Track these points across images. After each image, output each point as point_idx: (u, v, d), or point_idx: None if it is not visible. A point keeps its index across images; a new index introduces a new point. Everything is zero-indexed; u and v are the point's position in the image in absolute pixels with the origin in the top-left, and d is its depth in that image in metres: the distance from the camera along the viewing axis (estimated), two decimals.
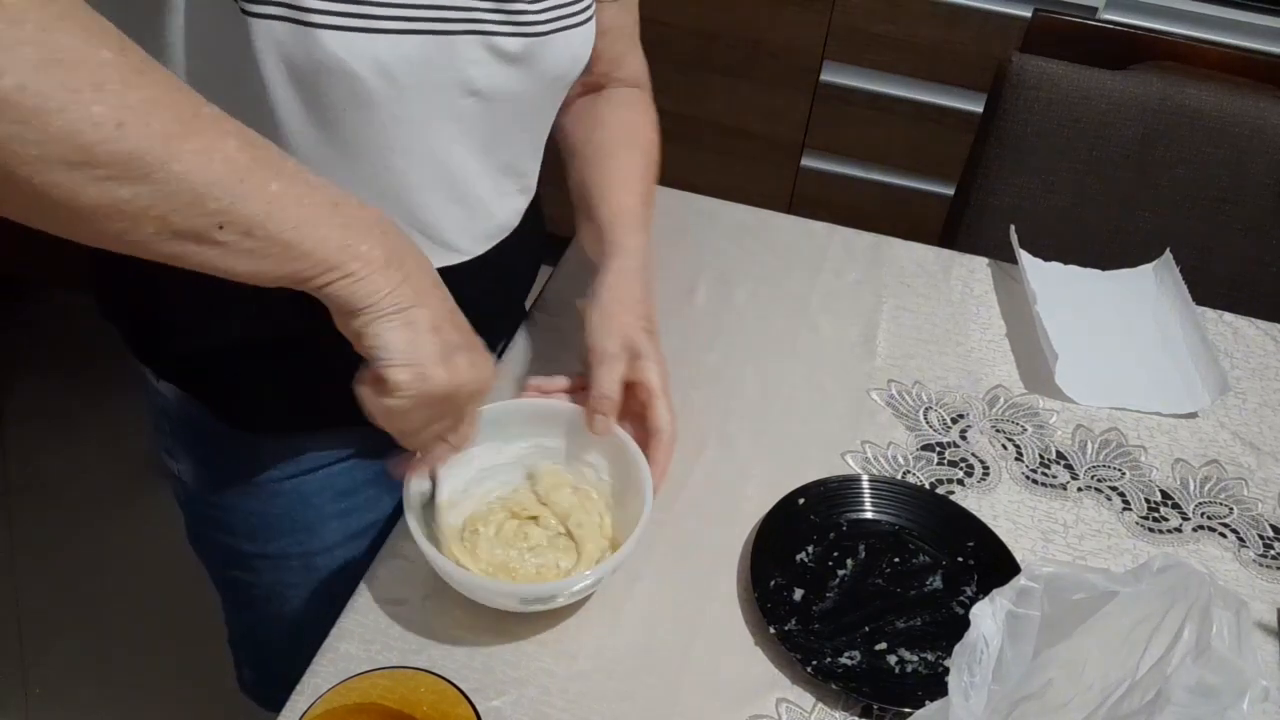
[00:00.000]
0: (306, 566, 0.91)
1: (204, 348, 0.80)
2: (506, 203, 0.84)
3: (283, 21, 0.61)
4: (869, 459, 0.90)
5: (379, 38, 0.64)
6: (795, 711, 0.71)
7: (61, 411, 2.06)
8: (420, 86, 0.68)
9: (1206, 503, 0.91)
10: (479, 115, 0.74)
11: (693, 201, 1.18)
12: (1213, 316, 1.11)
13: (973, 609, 0.59)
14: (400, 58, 0.66)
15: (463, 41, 0.69)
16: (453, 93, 0.71)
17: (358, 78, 0.65)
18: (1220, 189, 1.31)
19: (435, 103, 0.70)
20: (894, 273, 1.12)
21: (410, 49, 0.66)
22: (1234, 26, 1.74)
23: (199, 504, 0.92)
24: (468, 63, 0.70)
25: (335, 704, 0.60)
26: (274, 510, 0.88)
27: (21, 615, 1.74)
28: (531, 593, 0.71)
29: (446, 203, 0.77)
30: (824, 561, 0.81)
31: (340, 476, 0.88)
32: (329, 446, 0.87)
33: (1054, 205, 1.34)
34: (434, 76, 0.69)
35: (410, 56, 0.66)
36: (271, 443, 0.85)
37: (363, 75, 0.65)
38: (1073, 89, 1.28)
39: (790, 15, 1.91)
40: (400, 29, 0.65)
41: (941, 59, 1.89)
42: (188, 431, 0.88)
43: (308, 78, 0.64)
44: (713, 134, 2.10)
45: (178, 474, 0.92)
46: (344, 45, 0.63)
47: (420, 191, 0.75)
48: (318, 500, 0.88)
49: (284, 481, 0.86)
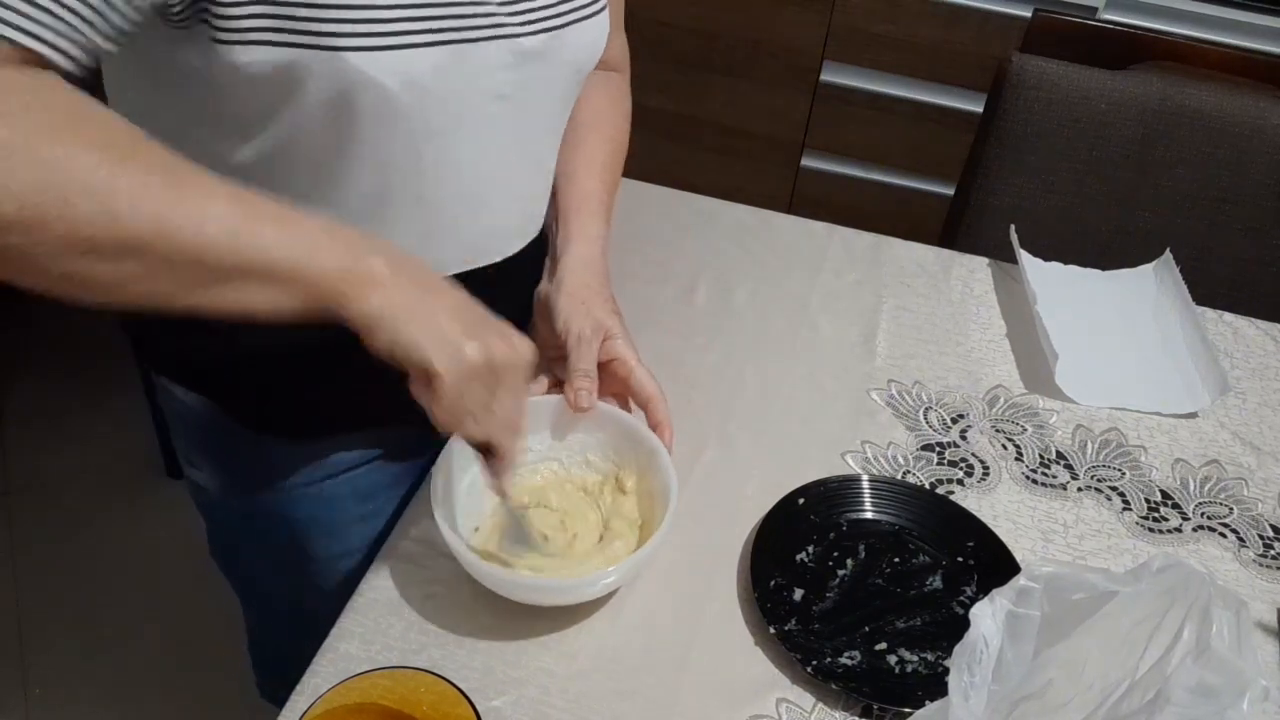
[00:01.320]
0: (330, 570, 0.90)
1: (228, 356, 0.80)
2: (538, 198, 0.84)
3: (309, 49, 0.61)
4: (869, 459, 0.90)
5: (404, 53, 0.64)
6: (795, 711, 0.71)
7: (61, 411, 2.06)
8: (449, 97, 0.68)
9: (1206, 503, 0.91)
10: (508, 118, 0.74)
11: (693, 201, 1.18)
12: (1213, 316, 1.11)
13: (973, 609, 0.59)
14: (428, 69, 0.66)
15: (486, 48, 0.69)
16: (481, 99, 0.71)
17: (388, 92, 0.65)
18: (1220, 189, 1.31)
19: (465, 111, 0.70)
20: (894, 273, 1.12)
21: (438, 59, 0.66)
22: (1234, 26, 1.74)
23: (222, 511, 0.92)
24: (494, 68, 0.70)
25: (335, 704, 0.60)
26: (298, 514, 0.88)
27: (21, 615, 1.74)
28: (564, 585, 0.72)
29: (480, 209, 0.77)
30: (824, 561, 0.81)
31: (362, 479, 0.88)
32: (352, 448, 0.87)
33: (1054, 205, 1.34)
34: (462, 85, 0.69)
35: (438, 67, 0.66)
36: (295, 447, 0.85)
37: (393, 90, 0.65)
38: (1073, 89, 1.28)
39: (790, 15, 1.91)
40: (425, 41, 0.65)
41: (941, 59, 1.89)
42: (211, 439, 0.87)
43: (337, 99, 0.64)
44: (713, 134, 2.10)
45: (200, 482, 0.91)
46: (370, 63, 0.63)
47: (455, 202, 0.75)
48: (341, 504, 0.88)
49: (308, 486, 0.86)
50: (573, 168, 0.88)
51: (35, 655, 1.69)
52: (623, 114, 0.95)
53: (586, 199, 0.87)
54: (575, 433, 0.81)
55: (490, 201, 0.78)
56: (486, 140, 0.74)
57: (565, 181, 0.87)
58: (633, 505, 0.79)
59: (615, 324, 0.82)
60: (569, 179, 0.87)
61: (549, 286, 0.83)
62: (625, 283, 0.87)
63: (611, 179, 0.91)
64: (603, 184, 0.89)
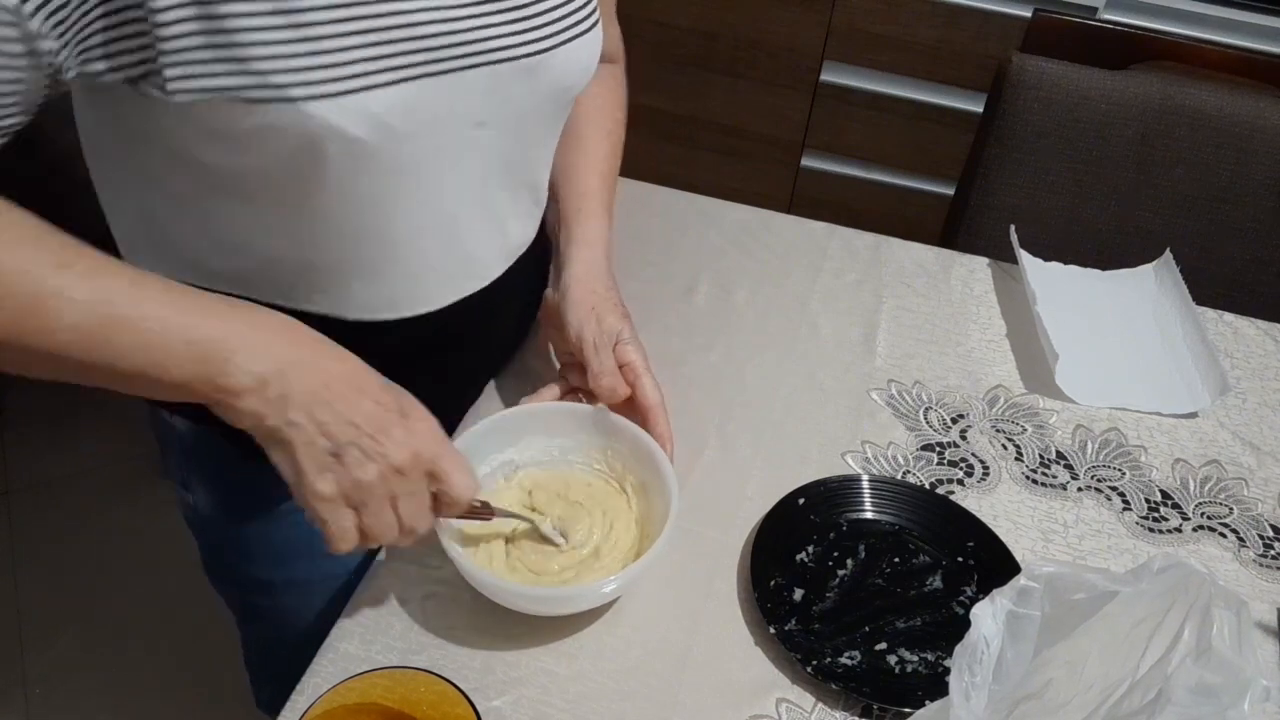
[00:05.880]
0: (327, 588, 0.89)
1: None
2: (524, 219, 0.83)
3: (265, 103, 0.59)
4: (869, 459, 0.90)
5: (365, 95, 0.61)
6: (795, 711, 0.71)
7: (61, 411, 2.06)
8: (419, 131, 0.66)
9: (1206, 503, 0.91)
10: (489, 144, 0.72)
11: (693, 201, 1.18)
12: (1213, 316, 1.11)
13: (973, 609, 0.58)
14: (394, 107, 0.63)
15: (460, 78, 0.66)
16: (457, 127, 0.68)
17: (352, 136, 0.62)
18: (1220, 189, 1.31)
19: (440, 142, 0.68)
20: (894, 273, 1.12)
21: (403, 96, 0.63)
22: (1234, 26, 1.74)
23: (216, 533, 0.91)
24: (469, 96, 0.67)
25: (335, 704, 0.60)
26: (294, 535, 0.86)
27: (21, 615, 1.74)
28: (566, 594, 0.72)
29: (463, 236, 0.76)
30: (824, 561, 0.81)
31: None
32: None
33: (1054, 205, 1.34)
34: (432, 118, 0.66)
35: (405, 104, 0.63)
36: None
37: (358, 134, 0.62)
38: (1073, 89, 1.28)
39: (790, 15, 1.91)
40: (387, 81, 0.62)
41: (941, 59, 1.89)
42: (204, 463, 0.87)
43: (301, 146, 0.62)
44: (713, 134, 2.10)
45: (193, 504, 0.90)
46: (331, 110, 0.60)
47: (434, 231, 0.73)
48: None
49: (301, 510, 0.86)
50: (572, 164, 0.87)
51: (35, 655, 1.69)
52: (619, 104, 0.95)
53: (587, 198, 0.86)
54: (575, 435, 0.81)
55: (473, 228, 0.76)
56: (466, 168, 0.72)
57: (564, 180, 0.86)
58: (633, 506, 0.79)
59: (625, 328, 0.82)
60: (568, 178, 0.87)
61: (556, 295, 0.83)
62: (625, 283, 0.87)
63: (611, 172, 0.90)
64: (602, 180, 0.88)
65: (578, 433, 0.81)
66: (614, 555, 0.75)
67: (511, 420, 0.80)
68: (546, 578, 0.74)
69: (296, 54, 0.59)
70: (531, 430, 0.81)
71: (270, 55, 0.59)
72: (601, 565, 0.74)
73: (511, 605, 0.72)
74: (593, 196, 0.87)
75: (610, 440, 0.80)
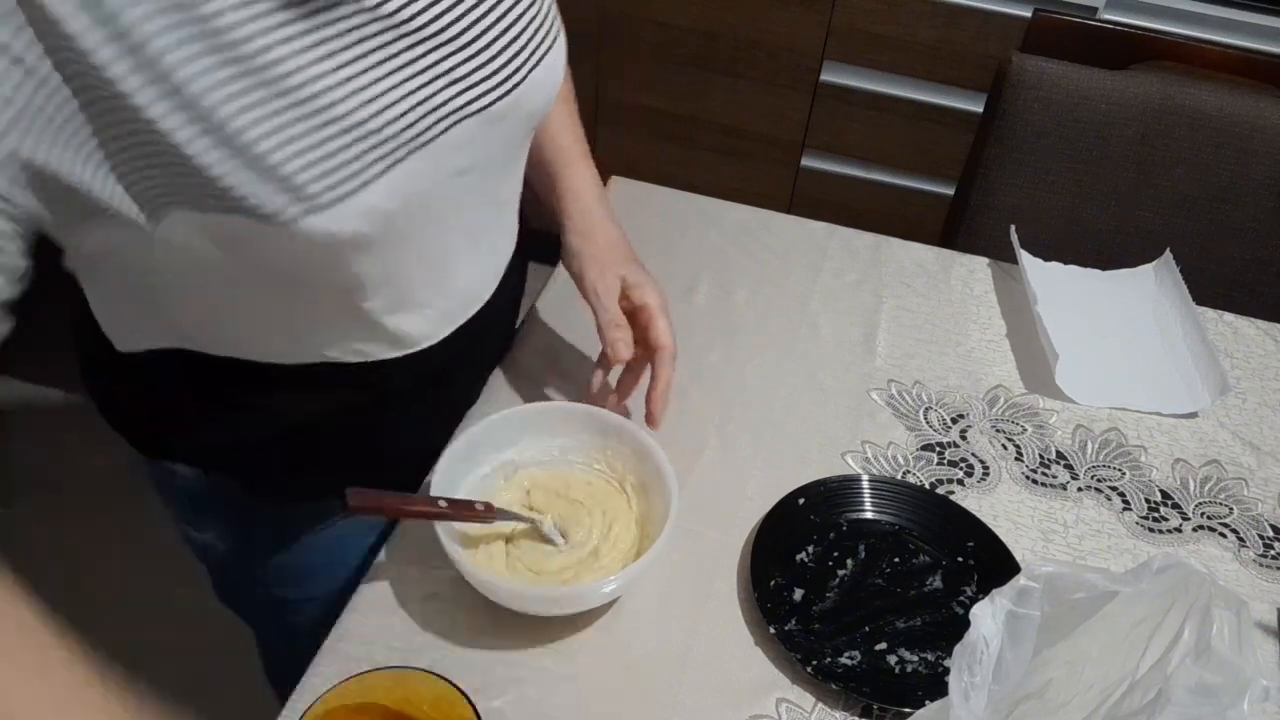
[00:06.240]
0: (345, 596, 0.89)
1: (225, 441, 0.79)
2: (506, 231, 0.84)
3: (259, 223, 0.58)
4: (869, 459, 0.90)
5: (360, 196, 0.60)
6: (795, 711, 0.71)
7: (61, 411, 2.05)
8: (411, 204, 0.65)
9: (1206, 503, 0.91)
10: (471, 187, 0.71)
11: (693, 201, 1.18)
12: (1213, 316, 1.11)
13: (973, 609, 0.59)
14: (386, 196, 0.62)
15: (449, 137, 0.65)
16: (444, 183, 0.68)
17: (347, 233, 0.61)
18: (1220, 189, 1.30)
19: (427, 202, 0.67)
20: (894, 273, 1.12)
21: (394, 182, 0.62)
22: (1234, 26, 1.74)
23: (232, 568, 0.91)
24: (455, 152, 0.66)
25: (335, 704, 0.60)
26: (313, 559, 0.86)
27: None
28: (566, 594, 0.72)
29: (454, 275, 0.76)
30: (824, 561, 0.81)
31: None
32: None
33: (1054, 205, 1.34)
34: (419, 189, 0.65)
35: (394, 189, 0.62)
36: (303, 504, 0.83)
37: (353, 232, 0.61)
38: (1072, 89, 1.28)
39: (790, 15, 1.91)
40: (379, 172, 0.61)
41: (941, 59, 1.89)
42: (216, 507, 0.86)
43: (313, 248, 0.61)
44: (713, 134, 2.10)
45: (204, 544, 0.90)
46: (328, 219, 0.60)
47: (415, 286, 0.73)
48: (354, 540, 0.85)
49: (319, 533, 0.85)
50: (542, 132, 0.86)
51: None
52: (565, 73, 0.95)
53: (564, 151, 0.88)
54: (575, 435, 0.81)
55: (464, 260, 0.76)
56: (452, 213, 0.71)
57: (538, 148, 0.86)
58: (633, 506, 0.79)
59: (632, 271, 0.83)
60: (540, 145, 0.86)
61: (574, 260, 0.85)
62: None
63: (579, 131, 0.91)
64: (575, 138, 0.89)
65: (578, 433, 0.81)
66: (614, 555, 0.75)
67: (511, 420, 0.80)
68: (546, 578, 0.74)
69: (283, 174, 0.57)
70: (531, 430, 0.81)
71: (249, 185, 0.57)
72: (601, 565, 0.74)
73: (511, 605, 0.72)
74: (569, 149, 0.88)
75: (610, 440, 0.80)
